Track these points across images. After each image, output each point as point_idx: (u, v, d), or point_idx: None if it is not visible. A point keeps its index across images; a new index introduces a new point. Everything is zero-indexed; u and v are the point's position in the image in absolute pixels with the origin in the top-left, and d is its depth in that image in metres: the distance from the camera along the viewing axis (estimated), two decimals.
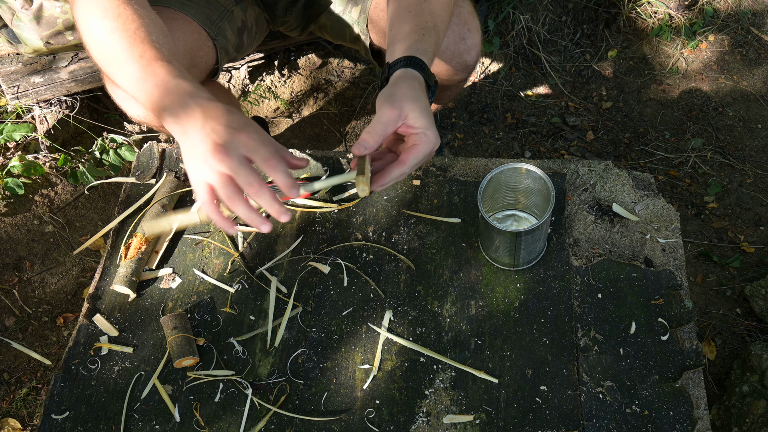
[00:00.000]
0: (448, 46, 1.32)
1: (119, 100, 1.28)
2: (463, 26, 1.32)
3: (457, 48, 1.33)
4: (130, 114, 1.31)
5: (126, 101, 1.27)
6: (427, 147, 0.95)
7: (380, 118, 0.93)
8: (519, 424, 1.02)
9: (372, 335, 1.12)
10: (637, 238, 1.17)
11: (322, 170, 1.29)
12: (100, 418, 1.07)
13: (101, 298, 1.18)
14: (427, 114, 0.95)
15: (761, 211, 1.92)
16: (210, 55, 1.29)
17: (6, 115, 1.94)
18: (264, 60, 2.22)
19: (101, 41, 1.01)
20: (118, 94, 1.27)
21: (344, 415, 1.05)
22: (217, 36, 1.30)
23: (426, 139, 0.95)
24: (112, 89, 1.28)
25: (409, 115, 0.94)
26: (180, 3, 1.27)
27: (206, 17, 1.29)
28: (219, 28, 1.31)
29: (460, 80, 1.44)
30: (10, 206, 1.88)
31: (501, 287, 1.15)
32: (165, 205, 1.23)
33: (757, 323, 1.70)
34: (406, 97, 0.95)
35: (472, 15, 1.34)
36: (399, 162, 0.96)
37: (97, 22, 1.01)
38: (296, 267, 1.19)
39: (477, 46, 1.35)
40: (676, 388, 1.03)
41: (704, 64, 2.23)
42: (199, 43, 1.26)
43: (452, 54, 1.34)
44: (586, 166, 1.25)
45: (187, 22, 1.25)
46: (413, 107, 0.94)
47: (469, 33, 1.33)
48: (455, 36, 1.32)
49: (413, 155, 0.95)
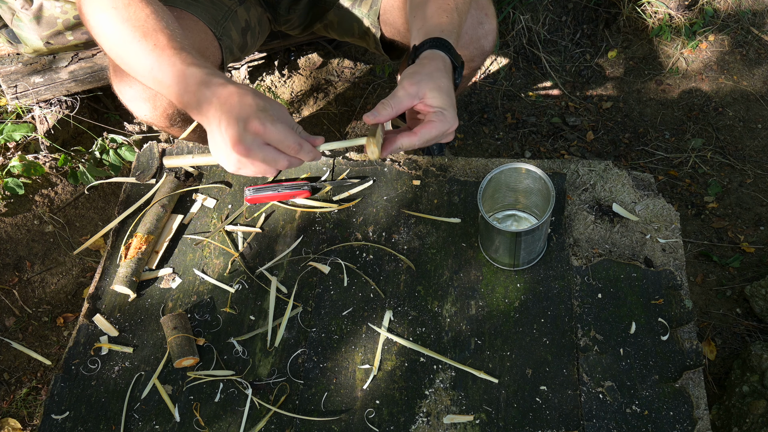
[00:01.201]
0: (467, 31, 1.32)
1: (126, 99, 1.28)
2: (481, 11, 1.32)
3: (475, 33, 1.34)
4: (138, 114, 1.31)
5: (133, 101, 1.27)
6: (442, 126, 0.96)
7: (397, 92, 0.95)
8: (519, 424, 1.02)
9: (372, 335, 1.12)
10: (637, 238, 1.17)
11: (322, 170, 1.29)
12: (100, 418, 1.07)
13: (101, 298, 1.18)
14: (447, 94, 0.96)
15: (761, 211, 1.92)
16: (216, 55, 1.29)
17: (6, 115, 1.94)
18: (264, 60, 2.22)
19: (112, 33, 1.02)
20: (126, 93, 1.27)
21: (344, 415, 1.05)
22: (222, 36, 1.29)
23: (443, 117, 0.95)
24: (119, 88, 1.27)
25: (427, 93, 0.95)
26: (186, 2, 1.26)
27: (212, 17, 1.29)
28: (224, 28, 1.31)
29: (476, 67, 1.44)
30: (10, 206, 1.88)
31: (501, 287, 1.15)
32: (165, 205, 1.23)
33: (757, 323, 1.70)
34: (428, 76, 0.96)
35: (488, 0, 1.34)
36: (410, 132, 0.97)
37: (107, 12, 1.01)
38: (296, 267, 1.19)
39: (494, 31, 1.36)
40: (676, 388, 1.03)
41: (704, 64, 2.24)
42: (206, 43, 1.26)
43: (470, 39, 1.34)
44: (586, 166, 1.25)
45: (194, 21, 1.25)
46: (432, 86, 0.95)
47: (486, 18, 1.34)
48: (473, 21, 1.32)
49: (426, 130, 0.96)
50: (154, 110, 1.29)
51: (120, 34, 1.00)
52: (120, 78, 1.26)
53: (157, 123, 1.35)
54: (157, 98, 1.27)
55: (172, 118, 1.34)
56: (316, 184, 1.26)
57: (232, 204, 1.27)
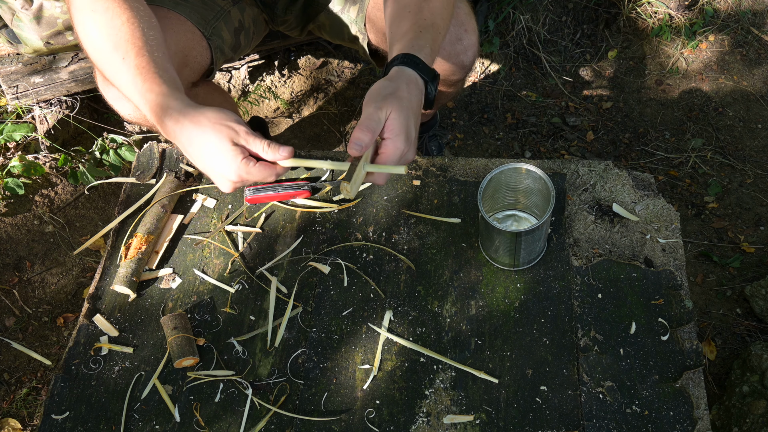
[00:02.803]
0: (445, 47, 1.32)
1: (110, 99, 1.28)
2: (460, 27, 1.32)
3: (454, 48, 1.34)
4: (122, 113, 1.31)
5: (117, 100, 1.28)
6: (394, 155, 0.95)
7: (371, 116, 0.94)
8: (519, 424, 1.02)
9: (372, 335, 1.12)
10: (637, 238, 1.17)
11: (322, 170, 1.29)
12: (100, 418, 1.07)
13: (101, 298, 1.18)
14: (404, 117, 0.95)
15: (761, 211, 1.92)
16: (204, 55, 1.29)
17: (6, 115, 1.94)
18: (264, 60, 2.22)
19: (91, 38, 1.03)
20: (110, 92, 1.27)
21: (344, 415, 1.05)
22: (211, 36, 1.29)
23: (393, 147, 0.95)
24: (102, 88, 1.28)
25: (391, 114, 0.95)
26: (174, 2, 1.26)
27: (201, 17, 1.29)
28: (214, 27, 1.31)
29: (458, 80, 1.44)
30: (10, 206, 1.88)
31: (501, 287, 1.15)
32: (165, 205, 1.23)
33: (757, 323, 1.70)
34: (392, 96, 0.96)
35: (468, 16, 1.34)
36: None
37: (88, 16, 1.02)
38: (296, 267, 1.19)
39: (474, 46, 1.36)
40: (676, 388, 1.03)
41: (704, 64, 2.23)
42: (193, 43, 1.26)
43: (449, 54, 1.34)
44: (586, 166, 1.25)
45: (181, 21, 1.25)
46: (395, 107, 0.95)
47: (465, 33, 1.33)
48: (452, 36, 1.32)
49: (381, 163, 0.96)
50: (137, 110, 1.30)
51: (96, 40, 1.02)
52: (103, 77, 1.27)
53: (142, 122, 1.35)
54: None
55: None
56: (316, 184, 1.26)
57: (232, 204, 1.27)
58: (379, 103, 0.94)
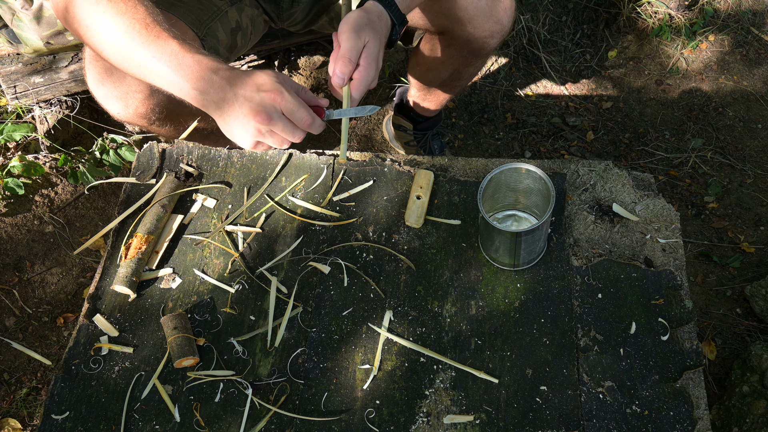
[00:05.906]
0: (485, 6, 1.34)
1: (99, 98, 1.29)
2: None
3: (494, 7, 1.36)
4: (112, 113, 1.32)
5: (106, 100, 1.28)
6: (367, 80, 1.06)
7: (353, 47, 1.03)
8: (519, 424, 1.02)
9: (372, 335, 1.12)
10: (637, 238, 1.17)
11: (320, 168, 1.29)
12: (100, 418, 1.07)
13: (101, 298, 1.18)
14: (378, 45, 1.05)
15: (761, 211, 1.92)
16: None
17: (6, 115, 1.94)
18: (264, 60, 2.22)
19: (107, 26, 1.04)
20: (98, 92, 1.27)
21: (344, 415, 1.05)
22: (205, 36, 1.29)
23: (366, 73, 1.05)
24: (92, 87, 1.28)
25: (369, 42, 1.04)
26: (168, 3, 1.27)
27: (195, 17, 1.29)
28: (209, 28, 1.31)
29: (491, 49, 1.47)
30: (10, 206, 1.88)
31: (501, 287, 1.15)
32: (165, 205, 1.23)
33: (757, 323, 1.70)
34: (369, 26, 1.04)
35: None
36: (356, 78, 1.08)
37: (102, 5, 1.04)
38: (296, 267, 1.19)
39: (511, 8, 1.42)
40: (676, 388, 1.03)
41: (704, 64, 2.24)
42: None
43: (489, 13, 1.36)
44: (586, 166, 1.25)
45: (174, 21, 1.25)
46: (372, 36, 1.04)
47: None
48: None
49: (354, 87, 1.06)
50: (126, 108, 1.30)
51: (117, 26, 1.02)
52: (93, 77, 1.27)
53: (132, 121, 1.35)
54: (128, 96, 1.28)
55: (147, 117, 1.34)
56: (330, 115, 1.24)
57: (232, 204, 1.27)
58: (359, 32, 1.02)
